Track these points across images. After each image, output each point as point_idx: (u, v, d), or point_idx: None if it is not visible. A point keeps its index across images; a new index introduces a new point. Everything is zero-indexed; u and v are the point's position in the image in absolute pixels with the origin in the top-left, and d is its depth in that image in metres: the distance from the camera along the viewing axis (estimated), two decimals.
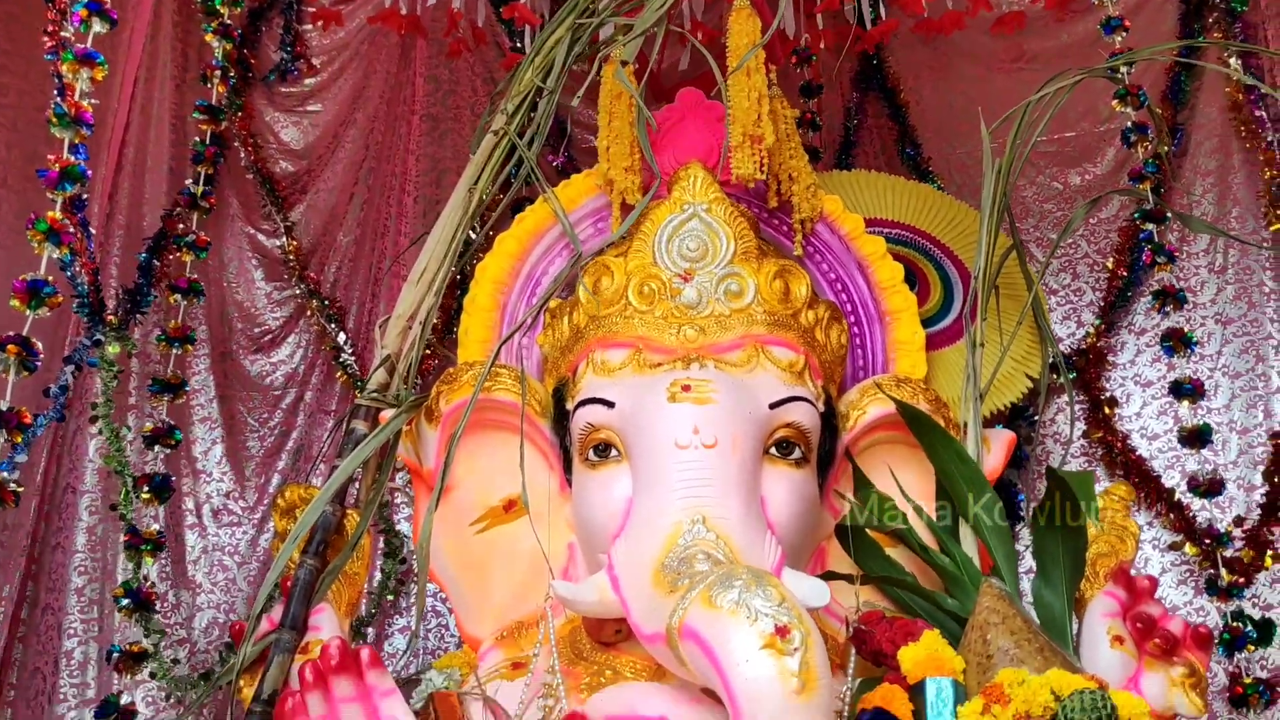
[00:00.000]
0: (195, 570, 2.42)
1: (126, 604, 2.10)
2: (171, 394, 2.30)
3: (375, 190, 2.75)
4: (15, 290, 1.82)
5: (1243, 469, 2.35)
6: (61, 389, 2.08)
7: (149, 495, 2.18)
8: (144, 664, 2.11)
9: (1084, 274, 2.57)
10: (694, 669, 1.29)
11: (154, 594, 2.16)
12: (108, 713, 2.08)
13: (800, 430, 1.63)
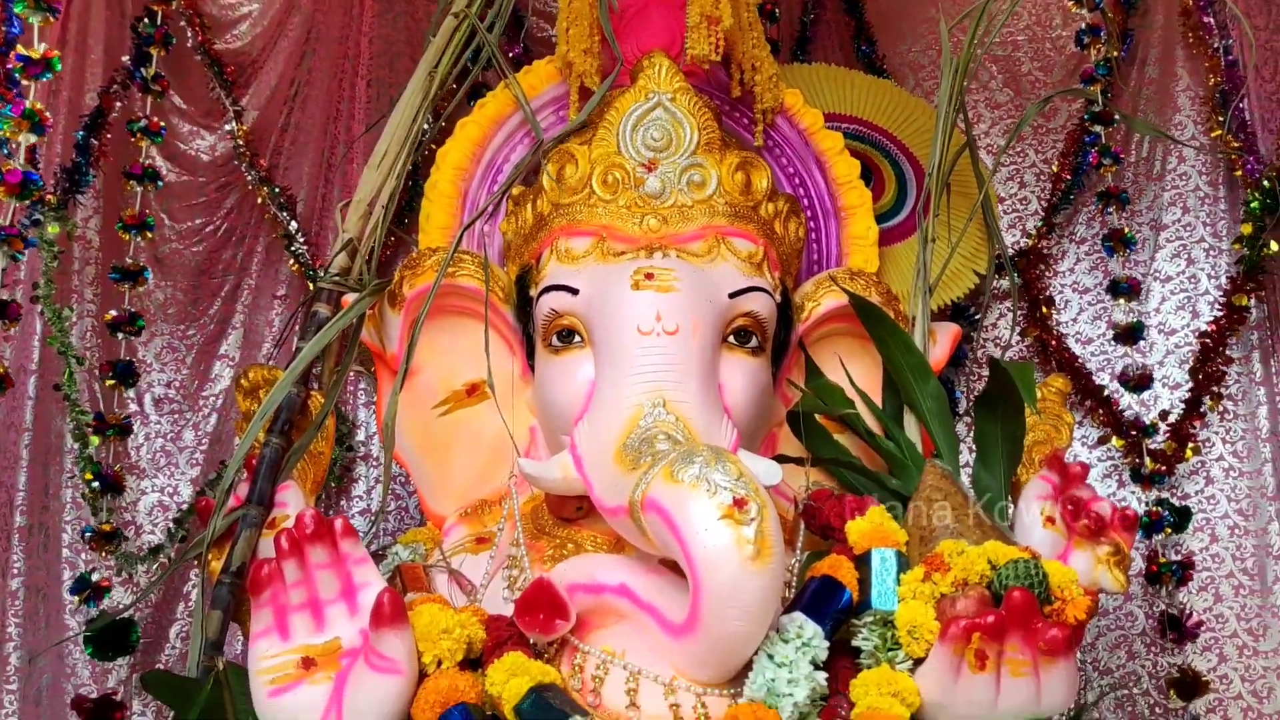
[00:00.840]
0: (139, 457, 2.43)
1: (96, 486, 2.12)
2: (131, 281, 2.27)
3: (326, 73, 2.68)
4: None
5: (1169, 368, 2.47)
6: None
7: (114, 381, 2.18)
8: (114, 542, 2.14)
9: (1030, 183, 2.62)
10: (655, 539, 1.36)
11: (120, 476, 2.18)
12: (81, 588, 2.12)
13: (758, 320, 1.68)
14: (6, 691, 2.20)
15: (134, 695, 2.28)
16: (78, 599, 2.12)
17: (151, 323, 2.47)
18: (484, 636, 1.40)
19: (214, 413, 2.46)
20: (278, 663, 1.33)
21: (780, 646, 1.31)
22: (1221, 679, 2.35)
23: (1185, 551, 2.39)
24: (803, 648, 1.31)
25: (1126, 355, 2.45)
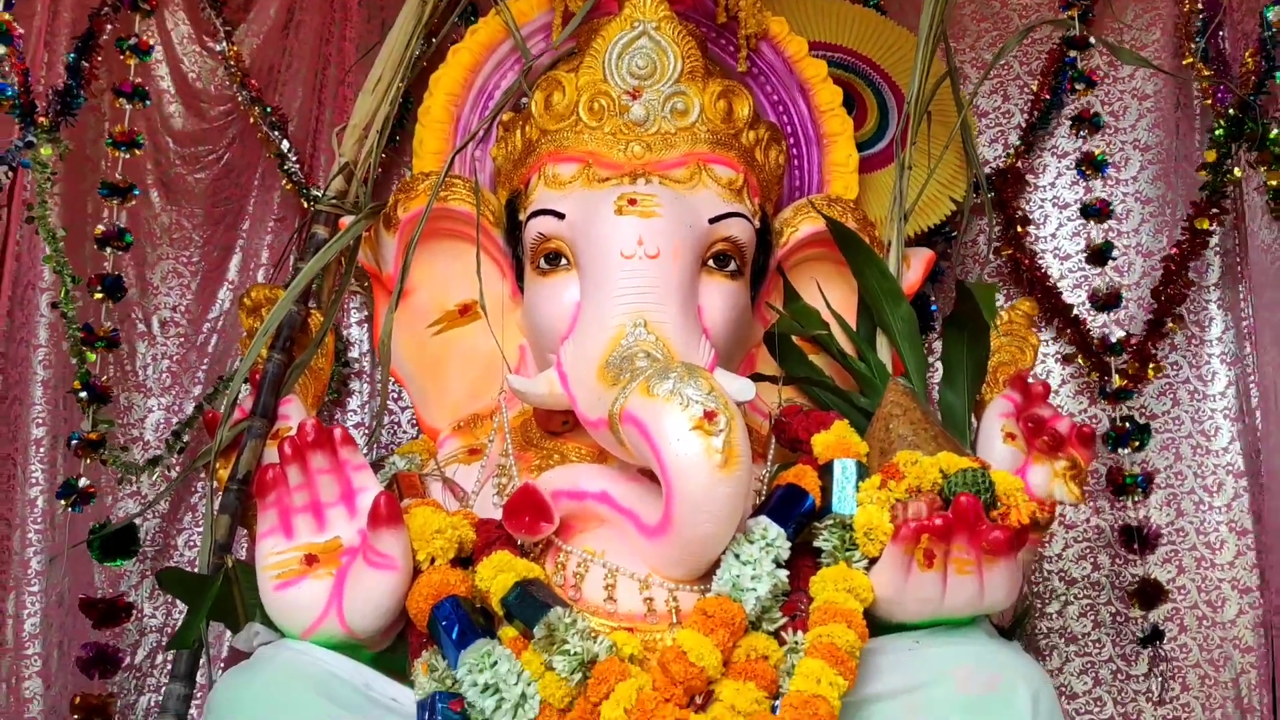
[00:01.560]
0: (145, 376, 2.52)
1: (84, 396, 2.23)
2: (120, 198, 2.34)
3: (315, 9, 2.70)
4: None
5: (1143, 289, 2.53)
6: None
7: (101, 295, 2.27)
8: (100, 451, 2.24)
9: (1014, 96, 2.66)
10: (632, 449, 1.46)
11: (107, 387, 2.28)
12: (68, 494, 2.23)
13: (736, 244, 1.75)
14: (29, 594, 2.33)
15: (145, 599, 2.41)
16: (64, 503, 2.22)
17: (157, 246, 2.54)
18: (474, 538, 1.51)
19: (215, 333, 2.54)
20: (283, 559, 1.45)
21: (746, 546, 1.42)
22: (1180, 590, 2.47)
23: (1151, 468, 2.49)
24: (766, 548, 1.42)
25: (1103, 274, 2.53)
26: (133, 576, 2.39)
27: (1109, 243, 2.42)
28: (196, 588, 1.61)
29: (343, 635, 1.43)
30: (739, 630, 1.36)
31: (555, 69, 1.92)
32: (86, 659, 2.18)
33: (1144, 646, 2.38)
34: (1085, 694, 2.47)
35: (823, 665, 1.29)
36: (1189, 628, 2.45)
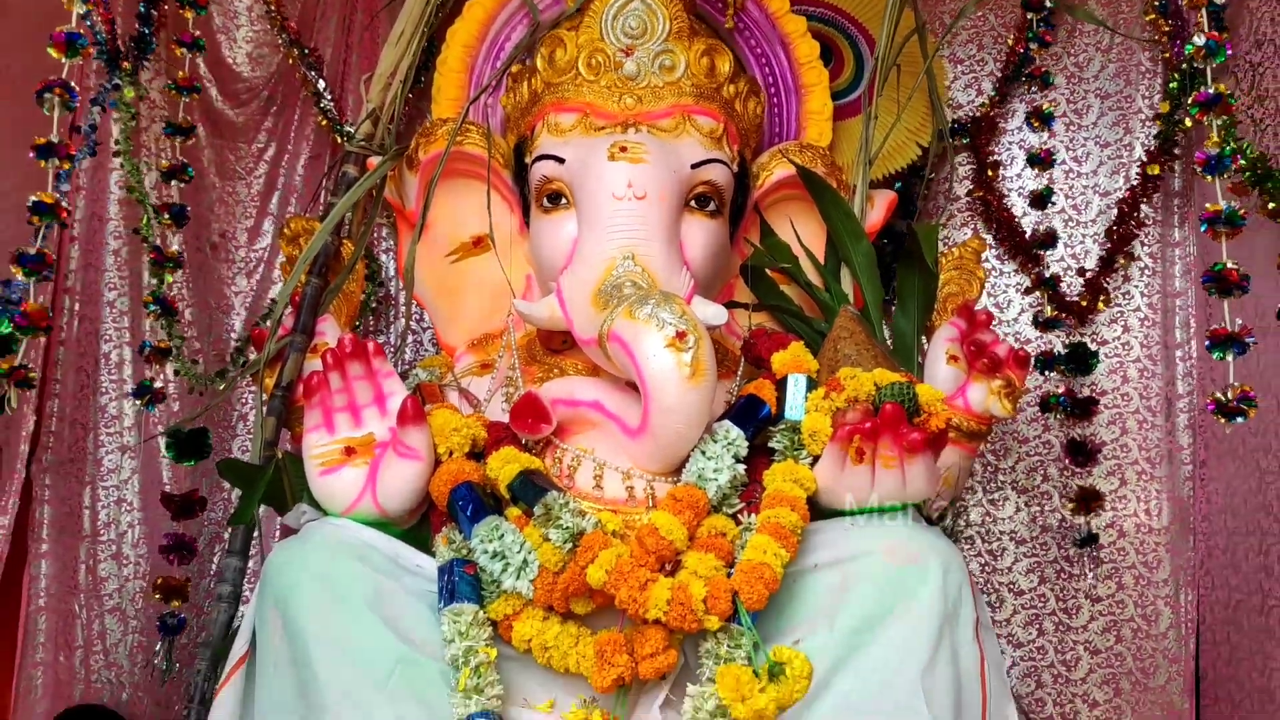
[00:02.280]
0: (204, 293, 2.81)
1: (155, 309, 2.51)
2: (184, 136, 2.60)
3: None
4: (54, 42, 2.09)
5: (1099, 225, 2.77)
6: (92, 127, 2.38)
7: (169, 221, 2.54)
8: (169, 359, 2.54)
9: (988, 45, 2.85)
10: (617, 363, 1.73)
11: (176, 301, 2.57)
12: (142, 394, 2.53)
13: (715, 187, 1.99)
14: (102, 488, 2.65)
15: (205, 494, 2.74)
16: (140, 402, 2.52)
17: (205, 175, 2.80)
18: (485, 436, 1.79)
19: (261, 264, 2.81)
20: (326, 450, 1.74)
21: (711, 445, 1.71)
22: (1121, 499, 2.73)
23: (1100, 389, 2.75)
24: (728, 446, 1.70)
25: (1063, 213, 2.76)
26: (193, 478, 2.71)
27: (1049, 189, 2.65)
28: (251, 476, 1.91)
29: (376, 514, 1.73)
30: (703, 512, 1.65)
31: (559, 26, 2.14)
32: (167, 546, 2.50)
33: (1081, 548, 2.67)
34: (1031, 590, 2.76)
35: (769, 540, 1.58)
36: (1128, 533, 2.73)
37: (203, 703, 1.89)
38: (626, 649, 1.54)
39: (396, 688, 1.53)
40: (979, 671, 1.61)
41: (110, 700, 2.58)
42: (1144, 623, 2.70)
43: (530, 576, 1.60)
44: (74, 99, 2.12)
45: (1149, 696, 2.68)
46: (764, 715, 1.45)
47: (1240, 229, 2.07)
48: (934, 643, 1.53)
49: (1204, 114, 2.11)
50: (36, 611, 2.54)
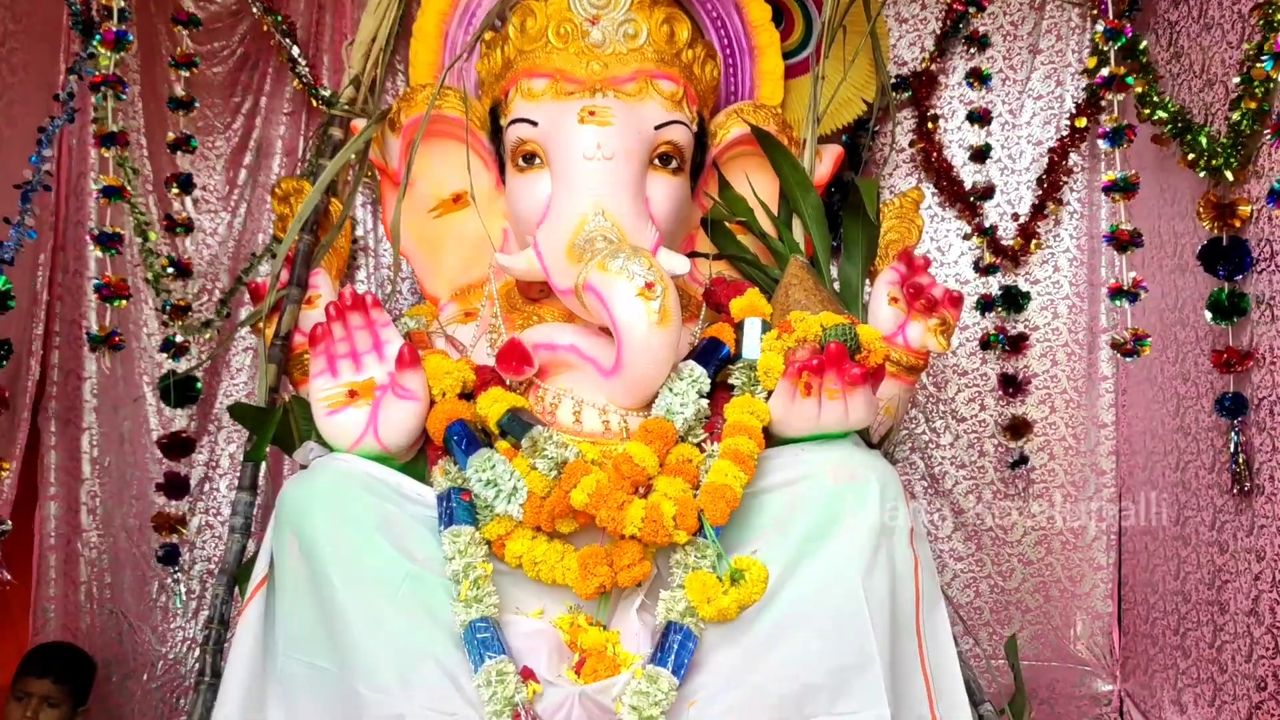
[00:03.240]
0: (184, 249, 2.95)
1: (171, 271, 2.67)
2: (185, 110, 2.73)
3: None
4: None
5: (1033, 174, 2.98)
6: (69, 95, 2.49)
7: (178, 190, 2.70)
8: (188, 315, 2.70)
9: (930, 5, 3.03)
10: (592, 311, 1.92)
11: (189, 263, 2.72)
12: (167, 348, 2.71)
13: (677, 146, 2.17)
14: (99, 434, 2.81)
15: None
16: (166, 355, 2.68)
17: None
18: (474, 378, 1.99)
19: (240, 212, 2.95)
20: (330, 393, 1.92)
21: (677, 382, 1.91)
22: (1051, 425, 2.99)
23: (1032, 325, 2.99)
24: (693, 383, 1.91)
25: (999, 163, 2.97)
26: (180, 420, 2.87)
27: (988, 144, 2.86)
28: (260, 418, 2.09)
29: (378, 449, 1.92)
30: (671, 442, 1.86)
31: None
32: (162, 484, 2.68)
33: (1012, 469, 2.93)
34: (970, 510, 3.02)
35: (730, 464, 1.79)
36: (1057, 456, 2.99)
37: (221, 622, 2.09)
38: (606, 561, 1.76)
39: (405, 599, 1.74)
40: (913, 575, 1.85)
41: (113, 633, 2.77)
42: (1071, 536, 2.97)
43: (520, 501, 1.81)
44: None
45: (1075, 602, 2.96)
46: (726, 614, 1.68)
47: (1134, 193, 2.31)
48: (872, 550, 1.76)
49: (1106, 91, 2.32)
50: (48, 550, 2.72)
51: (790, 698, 1.68)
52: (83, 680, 2.54)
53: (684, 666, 1.68)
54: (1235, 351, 2.29)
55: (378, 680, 1.68)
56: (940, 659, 1.88)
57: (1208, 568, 2.47)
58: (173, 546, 2.73)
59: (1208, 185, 2.36)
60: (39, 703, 2.43)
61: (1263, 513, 2.23)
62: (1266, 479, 2.22)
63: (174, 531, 2.68)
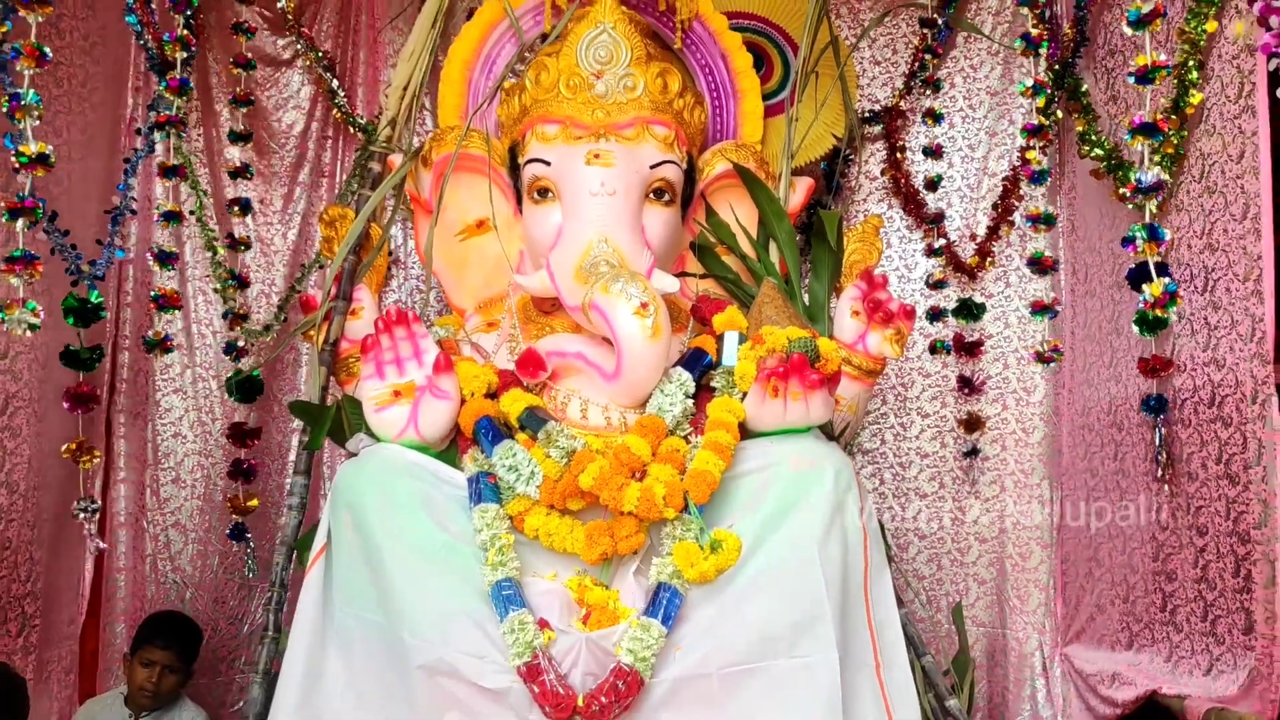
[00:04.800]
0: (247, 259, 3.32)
1: (232, 284, 3.05)
2: (244, 142, 3.13)
3: None
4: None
5: (989, 200, 3.34)
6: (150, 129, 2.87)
7: (238, 210, 3.08)
8: (247, 321, 3.08)
9: (900, 50, 3.41)
10: (596, 325, 2.30)
11: (247, 275, 3.11)
12: (230, 350, 3.09)
13: (669, 182, 2.53)
14: (161, 425, 3.19)
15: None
16: (229, 356, 3.07)
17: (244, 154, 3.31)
18: (497, 381, 2.36)
19: (294, 228, 3.33)
20: (378, 392, 2.29)
21: (667, 385, 2.29)
22: (1003, 421, 3.37)
23: (986, 333, 3.36)
24: (680, 386, 2.29)
25: (960, 190, 3.35)
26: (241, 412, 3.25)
27: (939, 175, 3.23)
28: (317, 413, 2.47)
29: (418, 440, 2.29)
30: (662, 435, 2.24)
31: (542, 50, 2.66)
32: (232, 470, 3.07)
33: (966, 458, 3.31)
34: (932, 494, 3.40)
35: (711, 454, 2.17)
36: (1009, 447, 3.36)
37: (282, 585, 2.47)
38: (608, 533, 2.14)
39: (442, 564, 2.12)
40: (863, 547, 2.22)
41: (176, 598, 3.15)
42: (1021, 517, 3.34)
43: (537, 483, 2.18)
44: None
45: (1024, 575, 3.33)
46: (707, 576, 2.06)
47: (1053, 225, 2.70)
48: (827, 524, 2.13)
49: (1031, 139, 2.70)
50: (118, 527, 3.10)
51: (757, 644, 2.06)
52: (195, 647, 2.91)
53: (671, 619, 2.05)
54: (1159, 359, 2.65)
55: (420, 630, 2.06)
56: (884, 616, 2.25)
57: (1150, 544, 2.79)
58: (240, 524, 3.12)
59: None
60: (162, 671, 2.79)
61: (1199, 495, 2.56)
62: (1199, 466, 2.54)
63: (244, 512, 3.06)
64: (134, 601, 3.13)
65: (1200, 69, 2.44)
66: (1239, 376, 2.39)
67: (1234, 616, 2.44)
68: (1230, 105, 2.37)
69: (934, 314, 3.27)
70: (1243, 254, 2.35)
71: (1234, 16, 2.35)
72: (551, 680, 1.99)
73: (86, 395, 2.73)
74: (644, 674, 2.00)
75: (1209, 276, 2.50)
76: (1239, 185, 2.35)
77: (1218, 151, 2.44)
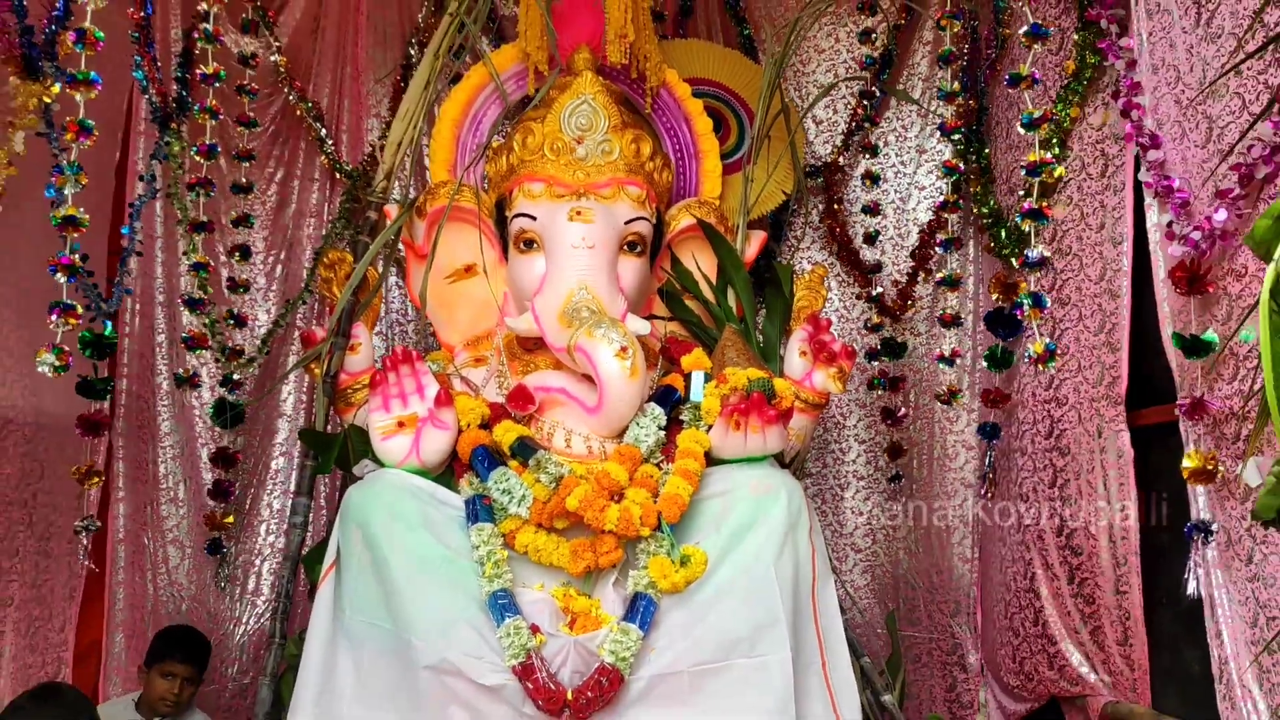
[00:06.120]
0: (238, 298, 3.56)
1: (231, 322, 3.30)
2: (245, 193, 3.35)
3: (336, 9, 3.67)
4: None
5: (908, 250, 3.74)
6: (152, 176, 3.11)
7: (239, 258, 3.34)
8: (240, 358, 3.32)
9: (840, 109, 3.80)
10: (580, 365, 2.60)
11: (245, 316, 3.36)
12: (225, 383, 3.32)
13: (640, 236, 2.86)
14: (160, 448, 3.41)
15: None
16: (225, 389, 3.31)
17: (229, 196, 3.53)
18: (489, 413, 2.65)
19: (279, 264, 3.58)
20: (384, 424, 2.57)
21: (642, 419, 2.61)
22: (926, 446, 3.74)
23: (914, 369, 3.74)
24: (653, 419, 2.61)
25: (892, 239, 3.73)
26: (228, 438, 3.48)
27: (876, 231, 3.63)
28: (325, 441, 2.73)
29: (419, 466, 2.57)
30: (637, 462, 2.55)
31: (527, 115, 2.96)
32: (212, 490, 3.31)
33: (890, 483, 3.68)
34: (867, 512, 3.77)
35: (680, 480, 2.48)
36: (935, 471, 3.73)
37: (287, 596, 2.72)
38: (591, 549, 2.44)
39: (444, 576, 2.40)
40: (811, 560, 2.55)
41: (173, 611, 3.37)
42: (945, 533, 3.71)
43: (527, 505, 2.48)
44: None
45: (949, 582, 3.70)
46: (677, 586, 2.38)
47: (958, 288, 3.26)
48: (781, 542, 2.46)
49: (940, 213, 3.13)
50: (118, 543, 3.31)
51: (722, 646, 2.37)
52: (207, 659, 3.14)
53: (647, 624, 2.36)
54: (999, 391, 3.07)
55: (425, 634, 2.34)
56: (829, 622, 2.59)
57: (1020, 561, 3.19)
58: (216, 539, 3.35)
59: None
60: (182, 683, 3.01)
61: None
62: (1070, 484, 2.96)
63: (219, 527, 3.29)
64: (133, 614, 3.34)
65: (1063, 147, 2.84)
66: (1081, 414, 2.79)
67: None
68: (1093, 182, 2.77)
69: (871, 354, 3.64)
70: (1097, 309, 2.75)
71: (1100, 107, 2.76)
72: (543, 678, 2.29)
73: (97, 422, 2.95)
74: (624, 672, 2.31)
75: (1056, 326, 2.91)
76: (1096, 251, 2.76)
77: (1075, 220, 2.85)
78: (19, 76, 2.58)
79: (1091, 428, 2.85)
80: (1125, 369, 2.79)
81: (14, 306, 2.81)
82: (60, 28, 2.67)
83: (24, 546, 2.92)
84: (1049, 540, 3.00)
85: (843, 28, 3.77)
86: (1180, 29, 2.51)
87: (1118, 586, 2.81)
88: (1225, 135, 2.31)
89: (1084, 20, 2.86)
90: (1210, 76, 2.34)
